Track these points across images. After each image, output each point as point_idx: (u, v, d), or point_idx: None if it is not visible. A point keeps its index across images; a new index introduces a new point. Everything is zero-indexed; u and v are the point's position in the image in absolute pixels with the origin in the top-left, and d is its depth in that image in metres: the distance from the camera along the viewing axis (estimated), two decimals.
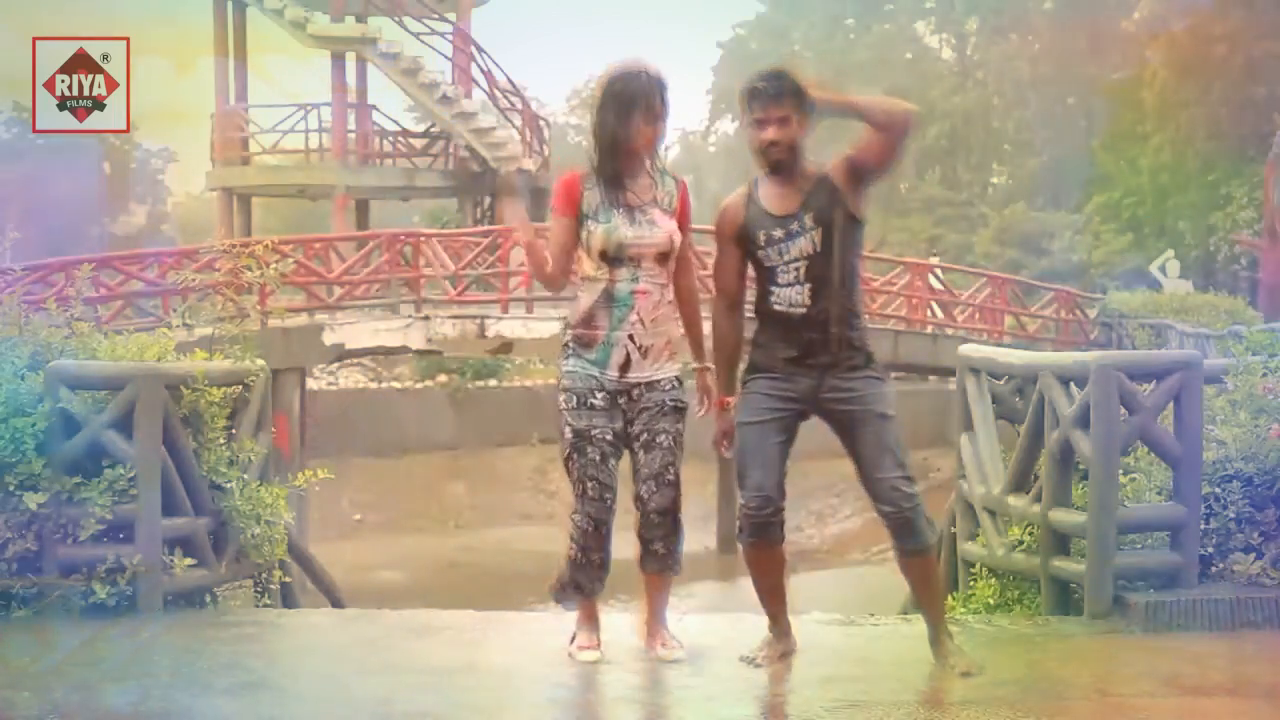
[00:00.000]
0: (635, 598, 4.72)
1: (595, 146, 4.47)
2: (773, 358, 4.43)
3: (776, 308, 4.40)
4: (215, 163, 26.74)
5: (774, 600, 4.60)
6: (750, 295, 4.55)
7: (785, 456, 4.45)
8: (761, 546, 4.47)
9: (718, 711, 4.13)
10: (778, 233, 4.38)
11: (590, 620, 4.66)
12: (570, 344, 4.50)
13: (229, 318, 6.53)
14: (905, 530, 4.35)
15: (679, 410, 4.53)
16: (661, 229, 4.45)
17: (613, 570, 4.62)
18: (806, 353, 4.38)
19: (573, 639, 4.67)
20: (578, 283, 4.51)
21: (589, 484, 4.43)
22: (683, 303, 4.60)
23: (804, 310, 4.36)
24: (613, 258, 4.42)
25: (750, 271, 4.51)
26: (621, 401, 4.46)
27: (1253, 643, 4.95)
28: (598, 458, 4.42)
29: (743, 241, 4.46)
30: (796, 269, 4.36)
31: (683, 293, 4.59)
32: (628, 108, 4.37)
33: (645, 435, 4.47)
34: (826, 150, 4.46)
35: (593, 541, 4.47)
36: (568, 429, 4.45)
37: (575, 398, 4.44)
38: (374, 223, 28.18)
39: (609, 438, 4.43)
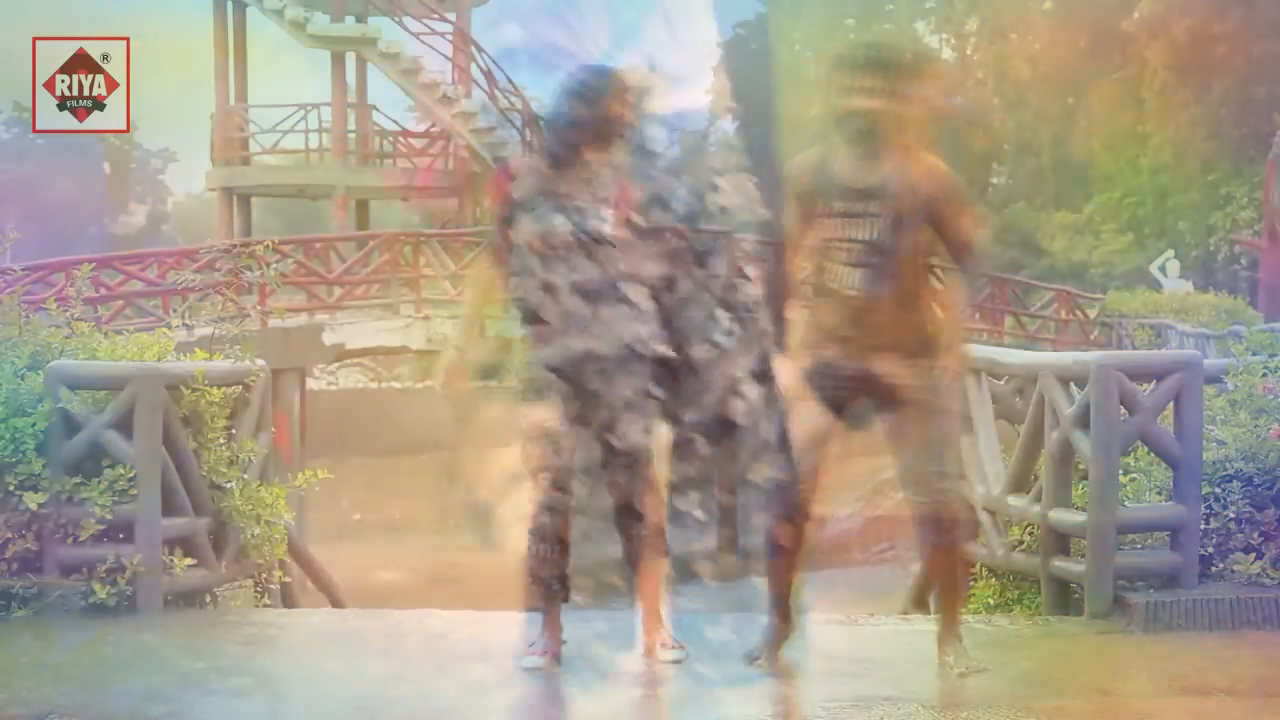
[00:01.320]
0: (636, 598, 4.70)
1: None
2: (828, 333, 4.37)
3: (830, 284, 4.32)
4: (215, 163, 26.72)
5: (781, 579, 4.50)
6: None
7: (828, 436, 4.40)
8: (783, 521, 4.41)
9: (718, 711, 4.13)
10: (838, 205, 4.26)
11: (549, 624, 4.54)
12: (526, 338, 4.48)
13: (229, 318, 6.52)
14: (930, 524, 4.35)
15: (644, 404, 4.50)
16: (590, 220, 4.39)
17: (614, 570, 4.61)
18: (859, 333, 4.30)
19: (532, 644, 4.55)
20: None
21: (542, 475, 4.41)
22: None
23: (855, 293, 4.27)
24: (541, 250, 4.39)
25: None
26: (579, 395, 4.42)
27: (1253, 643, 4.94)
28: (552, 450, 4.40)
29: (806, 202, 4.34)
30: (849, 249, 4.26)
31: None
32: (567, 100, 4.42)
33: (610, 431, 4.44)
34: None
35: (546, 534, 4.42)
36: (524, 421, 4.44)
37: (533, 391, 4.43)
38: (374, 223, 28.18)
39: (564, 429, 4.41)
